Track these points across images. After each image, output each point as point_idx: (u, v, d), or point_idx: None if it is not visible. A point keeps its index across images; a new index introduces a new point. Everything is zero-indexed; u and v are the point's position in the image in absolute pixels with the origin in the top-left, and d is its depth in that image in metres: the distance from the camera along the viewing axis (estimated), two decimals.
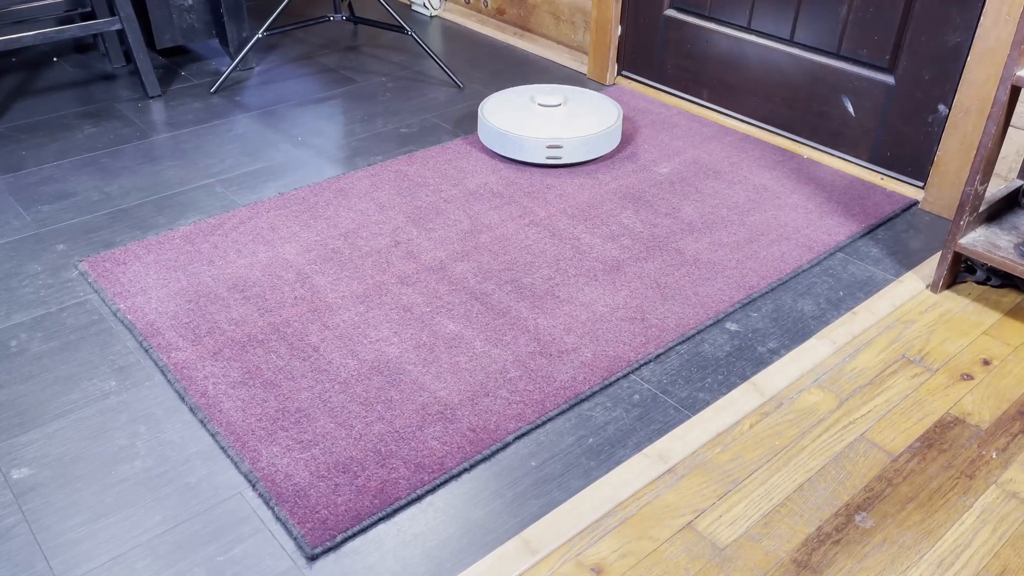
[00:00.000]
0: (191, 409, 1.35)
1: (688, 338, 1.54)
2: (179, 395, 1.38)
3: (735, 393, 1.42)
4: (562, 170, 2.07)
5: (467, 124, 2.31)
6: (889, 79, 1.95)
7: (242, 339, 1.50)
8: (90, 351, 1.48)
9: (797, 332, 1.56)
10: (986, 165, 1.53)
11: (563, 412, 1.37)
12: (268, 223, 1.84)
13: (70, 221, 1.85)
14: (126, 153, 2.13)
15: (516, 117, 2.07)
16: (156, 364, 1.45)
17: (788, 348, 1.52)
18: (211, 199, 1.94)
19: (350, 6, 2.90)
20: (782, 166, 2.10)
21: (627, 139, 2.22)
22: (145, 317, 1.55)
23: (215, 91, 2.47)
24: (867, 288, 1.68)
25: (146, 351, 1.48)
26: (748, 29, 2.19)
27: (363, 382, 1.41)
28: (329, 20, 2.63)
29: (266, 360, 1.45)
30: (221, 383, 1.40)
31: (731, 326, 1.57)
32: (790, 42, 2.11)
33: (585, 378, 1.43)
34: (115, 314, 1.56)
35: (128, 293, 1.61)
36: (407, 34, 2.55)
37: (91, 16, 2.55)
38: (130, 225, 1.84)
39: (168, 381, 1.41)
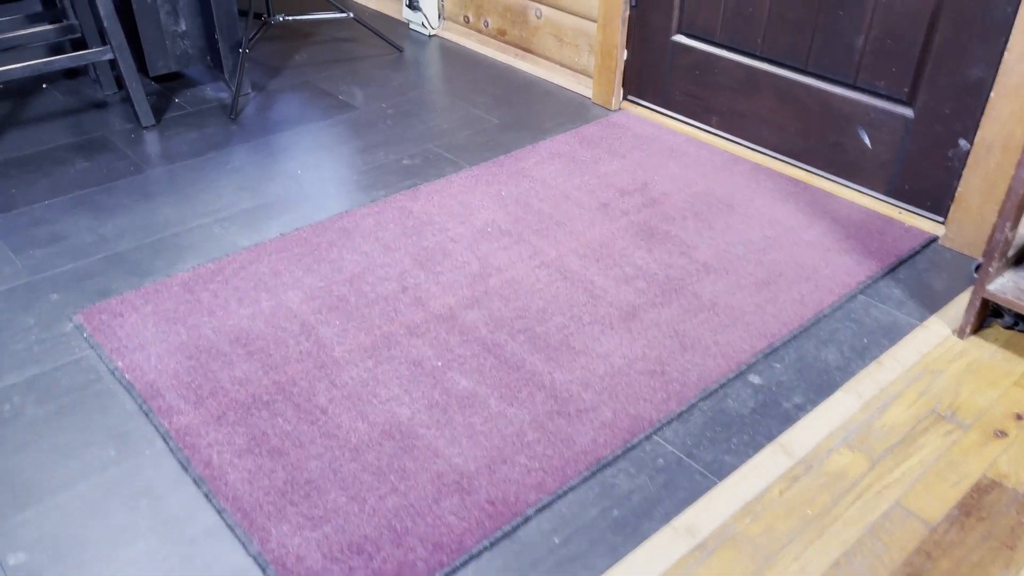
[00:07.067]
0: (195, 481, 1.29)
1: (711, 393, 1.48)
2: (182, 465, 1.32)
3: (762, 455, 1.36)
4: (571, 204, 2.01)
5: (471, 154, 2.25)
6: (908, 112, 1.89)
7: (246, 400, 1.44)
8: (87, 415, 1.41)
9: (822, 385, 1.50)
10: (1017, 210, 1.48)
11: (585, 480, 1.31)
12: (270, 267, 1.78)
13: (63, 267, 1.78)
14: (120, 189, 2.06)
15: None
16: (157, 430, 1.38)
17: (814, 403, 1.47)
18: (209, 240, 1.88)
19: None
20: (796, 198, 2.05)
21: (637, 168, 2.16)
22: (144, 376, 1.48)
23: (235, 118, 2.40)
24: (891, 334, 1.62)
25: (146, 415, 1.41)
26: (760, 57, 2.13)
27: (374, 448, 1.35)
28: (269, 23, 2.65)
29: (272, 424, 1.39)
30: (226, 451, 1.34)
31: (754, 379, 1.52)
32: (804, 71, 2.05)
33: (606, 441, 1.37)
34: (113, 373, 1.50)
35: (126, 349, 1.55)
36: (349, 18, 2.61)
37: (81, 42, 2.48)
38: (126, 271, 1.77)
39: (170, 449, 1.35)
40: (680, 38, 2.29)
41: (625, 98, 2.51)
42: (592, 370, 1.52)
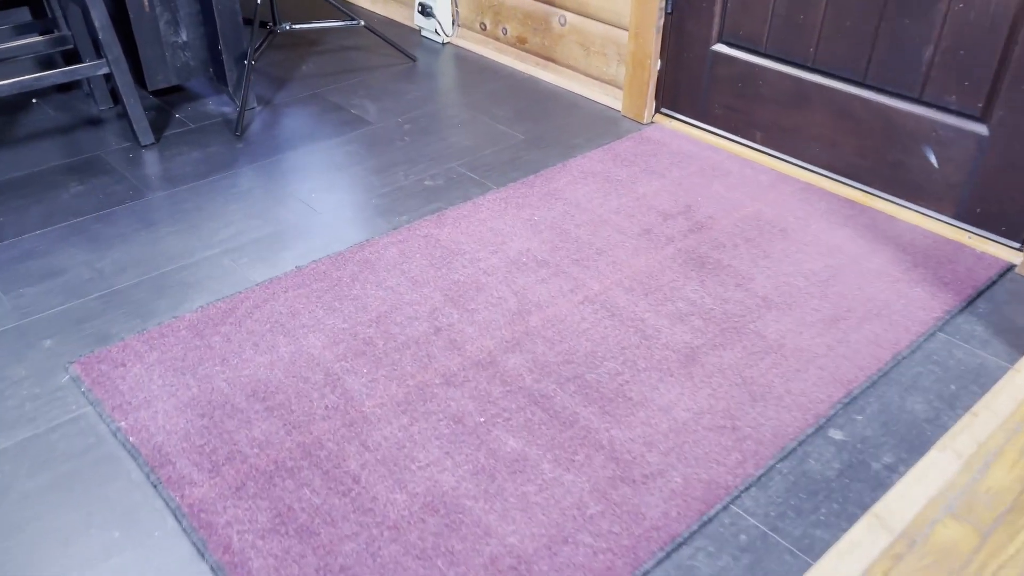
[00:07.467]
0: (213, 570, 1.12)
1: (789, 453, 1.32)
2: (197, 549, 1.15)
3: (857, 529, 1.20)
4: (610, 229, 1.84)
5: (497, 174, 2.08)
6: (981, 129, 1.73)
7: (268, 467, 1.27)
8: (88, 488, 1.24)
9: (913, 440, 1.34)
10: None
11: (660, 562, 1.15)
12: (287, 306, 1.61)
13: (58, 308, 1.61)
14: (118, 217, 1.89)
15: None
16: (167, 504, 1.22)
17: (906, 463, 1.31)
18: (218, 274, 1.71)
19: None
20: (854, 221, 1.89)
21: (678, 189, 2.00)
22: (151, 439, 1.31)
23: (240, 135, 2.23)
24: (980, 379, 1.46)
25: (154, 486, 1.24)
26: (812, 68, 1.97)
27: (417, 526, 1.18)
28: (275, 32, 2.47)
29: (298, 497, 1.22)
30: (247, 531, 1.17)
31: (835, 434, 1.35)
32: (862, 84, 1.89)
33: (679, 513, 1.21)
34: (115, 434, 1.33)
35: (129, 406, 1.37)
36: (359, 26, 2.52)
37: (74, 54, 2.31)
38: (127, 312, 1.60)
39: (183, 529, 1.18)
40: (721, 47, 2.13)
41: (658, 111, 2.35)
42: (654, 426, 1.36)
